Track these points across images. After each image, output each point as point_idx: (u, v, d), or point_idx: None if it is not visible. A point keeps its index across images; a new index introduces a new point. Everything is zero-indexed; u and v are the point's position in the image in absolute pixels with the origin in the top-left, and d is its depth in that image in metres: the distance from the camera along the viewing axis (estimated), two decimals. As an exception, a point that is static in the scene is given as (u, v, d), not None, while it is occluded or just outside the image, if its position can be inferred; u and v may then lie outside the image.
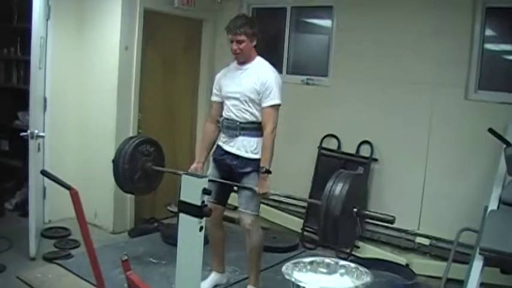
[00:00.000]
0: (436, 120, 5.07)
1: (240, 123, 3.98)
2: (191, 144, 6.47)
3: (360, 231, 3.26)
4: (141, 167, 4.48)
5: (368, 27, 5.43)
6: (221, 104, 4.18)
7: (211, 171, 4.22)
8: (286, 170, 4.27)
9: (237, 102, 3.99)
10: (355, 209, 3.27)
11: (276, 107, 3.91)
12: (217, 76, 4.25)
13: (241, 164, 4.00)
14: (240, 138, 4.00)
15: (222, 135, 4.18)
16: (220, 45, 6.26)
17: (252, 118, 3.96)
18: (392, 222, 3.38)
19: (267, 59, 4.10)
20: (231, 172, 4.08)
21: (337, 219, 3.19)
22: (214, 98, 4.24)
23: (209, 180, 4.07)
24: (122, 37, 5.37)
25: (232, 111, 4.03)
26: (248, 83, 3.94)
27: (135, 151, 4.43)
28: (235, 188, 4.18)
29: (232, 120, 4.03)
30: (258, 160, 3.94)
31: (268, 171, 3.85)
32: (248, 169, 3.96)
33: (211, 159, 4.27)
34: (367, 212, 3.39)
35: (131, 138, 4.68)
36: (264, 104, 3.89)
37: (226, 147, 4.09)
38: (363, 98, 5.49)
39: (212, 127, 4.27)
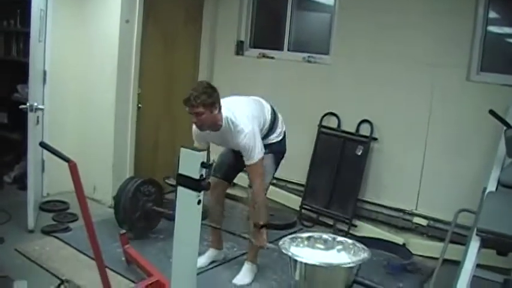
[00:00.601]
0: (437, 101, 5.05)
1: None
2: (191, 121, 6.43)
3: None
4: (141, 207, 4.61)
5: (370, 6, 5.39)
6: (207, 149, 4.10)
7: (224, 148, 4.26)
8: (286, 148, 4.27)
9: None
10: None
11: (258, 161, 3.79)
12: (197, 133, 3.98)
13: None
14: None
15: None
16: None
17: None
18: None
19: (268, 37, 4.02)
20: None
21: None
22: (199, 147, 4.00)
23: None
24: (123, 10, 5.31)
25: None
26: (233, 143, 3.82)
27: (136, 191, 4.56)
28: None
29: None
30: (272, 144, 4.02)
31: (264, 226, 3.87)
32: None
33: None
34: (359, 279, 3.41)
35: (133, 178, 4.80)
36: (247, 163, 3.80)
37: None
38: (364, 76, 5.46)
39: None
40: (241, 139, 3.72)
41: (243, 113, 3.82)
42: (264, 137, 3.97)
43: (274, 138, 4.09)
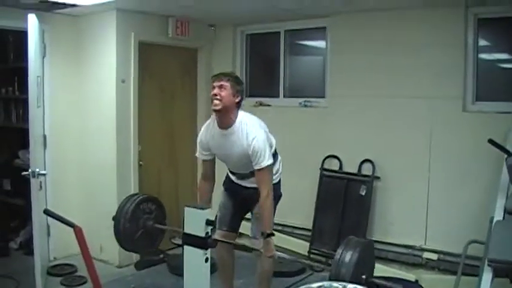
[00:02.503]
0: (435, 134, 5.07)
1: (249, 171, 3.93)
2: (193, 172, 6.43)
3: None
4: (142, 226, 4.47)
5: (362, 46, 5.47)
6: (212, 161, 4.10)
7: (223, 200, 4.24)
8: (289, 193, 4.26)
9: (236, 164, 3.95)
10: (363, 276, 3.28)
11: (267, 167, 3.77)
12: (201, 140, 4.05)
13: (256, 191, 3.93)
14: (252, 178, 3.95)
15: (231, 174, 4.17)
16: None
17: None
18: None
19: (263, 85, 4.05)
20: (245, 199, 4.09)
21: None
22: (204, 158, 4.09)
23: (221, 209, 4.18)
24: (118, 70, 5.42)
25: (236, 168, 4.02)
26: (237, 150, 3.81)
27: (136, 209, 4.41)
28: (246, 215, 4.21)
29: (239, 173, 4.04)
30: None
31: (271, 235, 3.80)
32: None
33: (222, 188, 4.26)
34: (376, 280, 3.39)
35: (132, 196, 4.65)
36: (256, 167, 3.77)
37: (238, 182, 4.12)
38: (361, 116, 5.50)
39: (207, 186, 4.17)
40: (252, 141, 3.71)
41: (258, 124, 3.87)
42: None
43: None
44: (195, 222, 2.91)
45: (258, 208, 3.94)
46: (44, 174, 4.74)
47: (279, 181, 4.14)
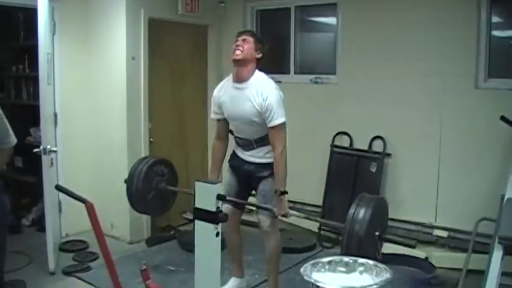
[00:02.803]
0: (447, 111, 5.04)
1: (254, 139, 3.96)
2: (203, 150, 6.48)
3: (379, 255, 3.32)
4: (155, 187, 4.48)
5: (373, 22, 5.42)
6: (225, 121, 4.11)
7: (229, 176, 4.22)
8: (300, 170, 4.27)
9: (244, 125, 3.93)
10: (376, 233, 3.29)
11: (281, 125, 3.78)
12: (214, 95, 4.10)
13: (259, 168, 3.98)
14: (256, 149, 3.98)
15: (236, 145, 4.16)
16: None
17: (264, 132, 3.88)
18: (413, 247, 3.42)
19: (274, 61, 4.04)
20: (249, 177, 4.07)
21: (361, 242, 3.23)
22: (216, 117, 4.13)
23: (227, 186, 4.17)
24: (128, 47, 5.41)
25: (242, 131, 4.00)
26: (248, 107, 3.81)
27: (149, 171, 4.42)
28: (253, 191, 4.18)
29: (245, 139, 4.01)
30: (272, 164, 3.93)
31: (284, 192, 3.81)
32: (266, 173, 3.94)
33: (227, 165, 4.25)
34: (388, 236, 3.41)
35: (145, 158, 4.66)
36: (269, 125, 3.78)
37: (243, 156, 4.09)
38: (372, 93, 5.47)
39: (220, 145, 4.21)
40: (266, 97, 3.73)
41: (273, 85, 3.89)
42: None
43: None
44: (205, 196, 2.91)
45: (263, 186, 3.97)
46: (55, 151, 4.79)
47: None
